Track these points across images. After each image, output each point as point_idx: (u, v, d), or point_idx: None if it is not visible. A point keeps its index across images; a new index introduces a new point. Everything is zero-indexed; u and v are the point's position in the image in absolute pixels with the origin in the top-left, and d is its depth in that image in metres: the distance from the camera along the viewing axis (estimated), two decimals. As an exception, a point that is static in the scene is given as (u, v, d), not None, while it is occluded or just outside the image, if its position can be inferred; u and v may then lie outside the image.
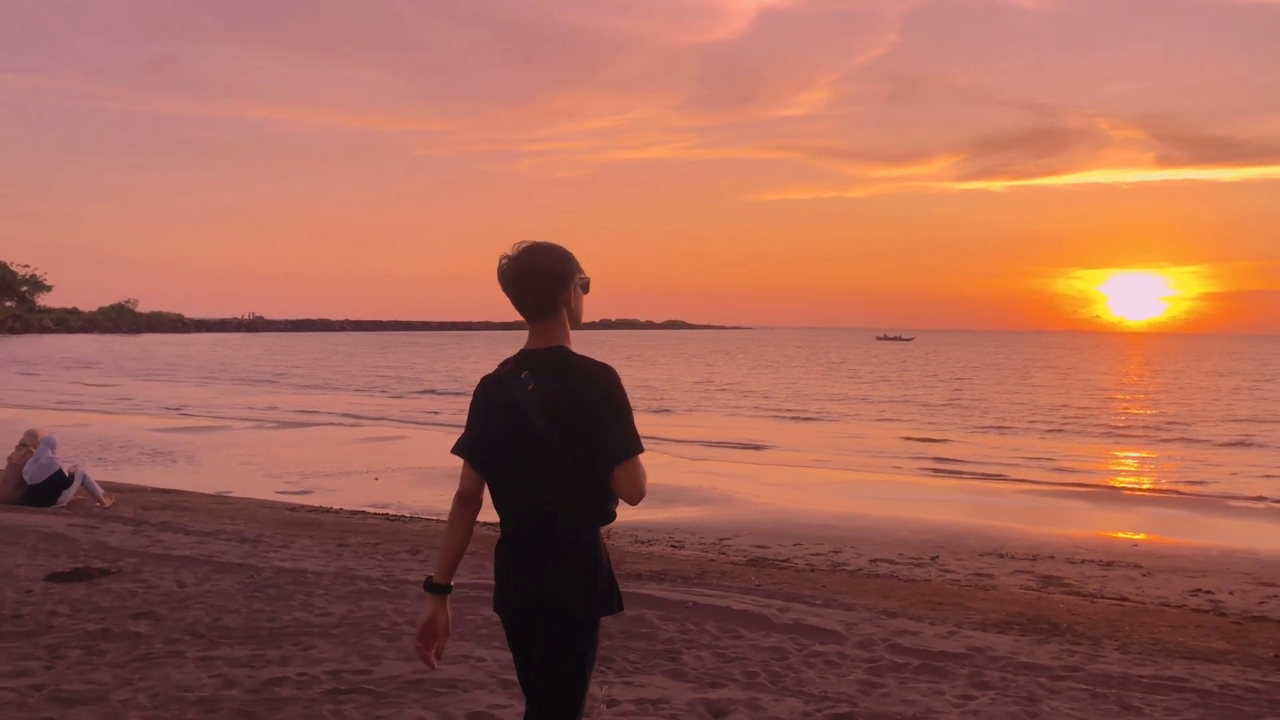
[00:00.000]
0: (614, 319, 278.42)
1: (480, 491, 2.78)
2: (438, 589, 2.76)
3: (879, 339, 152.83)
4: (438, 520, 11.58)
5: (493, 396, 2.70)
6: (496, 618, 6.00)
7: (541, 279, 2.66)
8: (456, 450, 2.78)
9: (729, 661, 5.35)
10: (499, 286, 2.74)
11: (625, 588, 4.40)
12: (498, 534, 2.78)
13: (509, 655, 5.17)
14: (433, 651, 2.76)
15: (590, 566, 2.62)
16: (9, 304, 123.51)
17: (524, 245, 2.69)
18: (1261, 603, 8.62)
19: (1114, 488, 16.80)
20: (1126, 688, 5.32)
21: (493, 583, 6.80)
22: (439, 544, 2.78)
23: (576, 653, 2.61)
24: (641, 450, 2.63)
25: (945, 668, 5.47)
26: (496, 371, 2.73)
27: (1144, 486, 17.23)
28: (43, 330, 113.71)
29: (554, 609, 2.61)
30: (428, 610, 2.76)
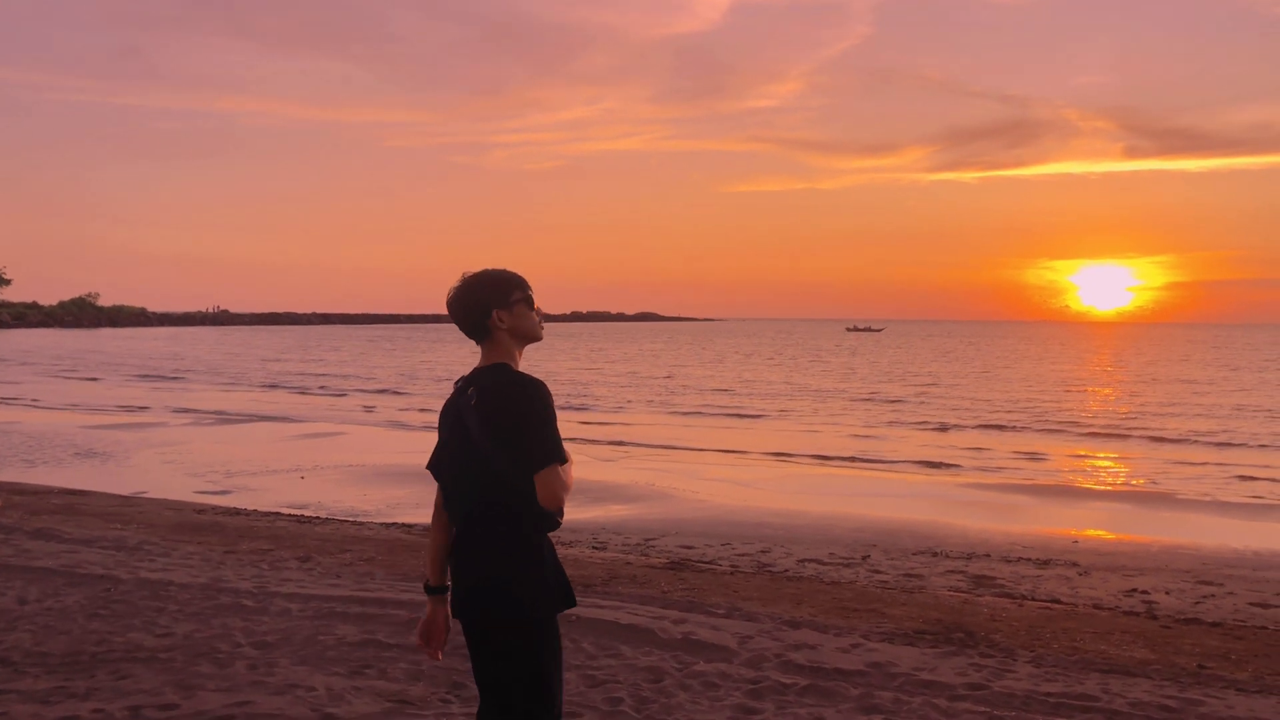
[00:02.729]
0: (585, 311, 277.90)
1: None
2: (433, 591, 2.94)
3: (849, 330, 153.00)
4: (351, 522, 11.07)
5: (447, 413, 2.92)
6: (353, 638, 5.53)
7: (470, 307, 2.89)
8: (429, 466, 3.00)
9: (595, 686, 4.88)
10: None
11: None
12: (396, 538, 2.47)
13: (344, 683, 4.69)
14: (435, 650, 2.96)
15: (534, 568, 2.75)
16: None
17: (464, 276, 2.94)
18: (1197, 603, 8.27)
19: (1061, 483, 16.44)
20: (1029, 709, 4.90)
21: (376, 596, 6.24)
22: (426, 551, 3.01)
23: (531, 652, 2.73)
24: (560, 461, 2.74)
25: (835, 688, 5.01)
26: (453, 389, 2.94)
27: (1091, 481, 16.93)
28: (0, 325, 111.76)
29: (509, 608, 2.73)
30: (427, 611, 2.95)
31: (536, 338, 2.98)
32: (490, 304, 2.90)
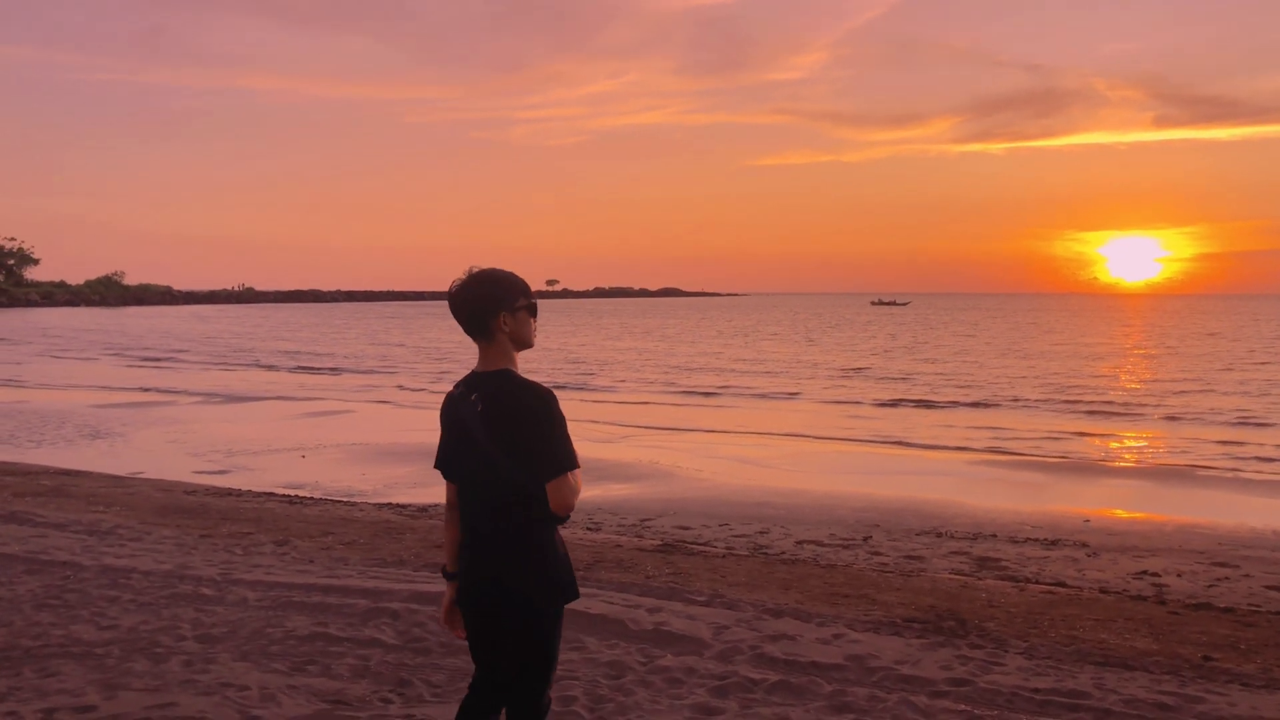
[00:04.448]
0: (608, 287, 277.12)
1: None
2: (451, 576, 3.06)
3: (873, 304, 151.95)
4: (344, 503, 10.86)
5: (449, 415, 2.94)
6: (303, 630, 5.28)
7: (474, 306, 2.88)
8: (437, 465, 3.04)
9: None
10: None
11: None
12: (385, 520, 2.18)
13: (280, 682, 4.44)
14: (460, 628, 3.07)
15: (547, 561, 2.85)
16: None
17: (470, 271, 2.93)
18: (1210, 586, 7.91)
19: (1075, 460, 15.98)
20: (1013, 707, 4.58)
21: (341, 584, 6.39)
22: (443, 540, 3.16)
23: (544, 639, 2.86)
24: (572, 468, 2.80)
25: (806, 684, 4.71)
26: (453, 390, 2.96)
27: (1107, 458, 16.48)
28: (29, 304, 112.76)
29: (517, 601, 2.83)
30: (446, 595, 3.08)
31: (529, 346, 2.99)
32: (500, 305, 2.89)
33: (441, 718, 4.12)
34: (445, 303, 2.92)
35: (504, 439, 2.80)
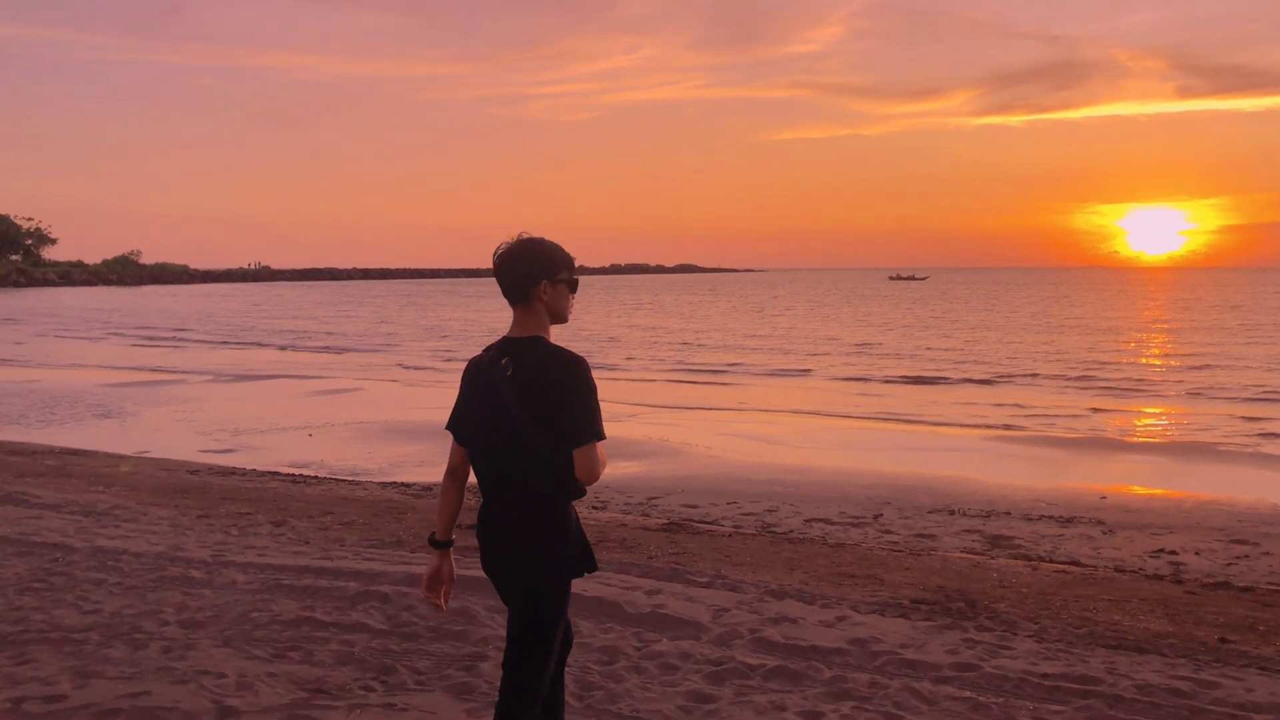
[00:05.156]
0: (624, 264, 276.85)
1: (467, 465, 2.99)
2: (439, 545, 3.03)
3: (891, 279, 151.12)
4: (347, 481, 10.75)
5: (476, 379, 2.92)
6: (289, 615, 5.15)
7: (517, 270, 2.88)
8: (449, 426, 3.01)
9: (540, 668, 4.44)
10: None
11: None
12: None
13: (260, 669, 4.32)
14: (440, 598, 3.04)
15: (559, 538, 2.84)
16: (14, 258, 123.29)
17: (519, 236, 2.94)
18: (1228, 564, 7.70)
19: (1091, 436, 15.71)
20: (1020, 694, 4.40)
21: (333, 566, 6.39)
22: (436, 508, 3.08)
23: (546, 616, 2.84)
24: (599, 438, 2.81)
25: (805, 670, 4.54)
26: (481, 355, 2.95)
27: (1124, 434, 16.21)
28: (46, 284, 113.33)
29: (524, 579, 2.83)
30: (431, 563, 3.04)
31: (564, 320, 2.98)
32: (542, 274, 2.90)
33: (423, 706, 3.98)
34: (461, 280, 2.77)
35: (533, 404, 2.79)
